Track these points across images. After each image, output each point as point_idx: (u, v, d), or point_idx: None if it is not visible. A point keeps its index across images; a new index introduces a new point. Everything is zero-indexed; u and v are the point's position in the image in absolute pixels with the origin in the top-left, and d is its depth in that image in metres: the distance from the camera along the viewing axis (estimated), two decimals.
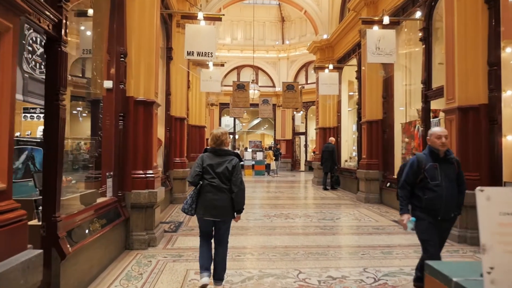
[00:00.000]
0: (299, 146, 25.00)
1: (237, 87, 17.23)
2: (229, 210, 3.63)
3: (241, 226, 6.64)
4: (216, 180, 3.56)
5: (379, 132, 9.68)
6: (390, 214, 8.02)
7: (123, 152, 5.16)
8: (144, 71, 5.40)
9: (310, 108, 23.45)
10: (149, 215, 5.33)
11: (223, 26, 24.35)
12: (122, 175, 5.17)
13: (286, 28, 24.54)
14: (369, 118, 9.75)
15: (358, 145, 11.54)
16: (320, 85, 11.70)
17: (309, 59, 23.29)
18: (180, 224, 6.76)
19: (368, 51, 7.65)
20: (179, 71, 9.30)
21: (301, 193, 12.07)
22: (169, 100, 8.98)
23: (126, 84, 5.24)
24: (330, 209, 8.76)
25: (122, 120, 5.15)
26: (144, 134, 5.37)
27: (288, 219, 7.40)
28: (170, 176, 9.03)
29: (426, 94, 7.55)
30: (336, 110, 13.63)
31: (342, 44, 12.69)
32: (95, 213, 4.24)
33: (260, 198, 10.68)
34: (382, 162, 9.64)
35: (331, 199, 10.43)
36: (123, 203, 5.12)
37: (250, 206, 8.91)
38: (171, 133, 9.02)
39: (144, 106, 5.37)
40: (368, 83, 9.75)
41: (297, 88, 17.47)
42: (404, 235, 6.15)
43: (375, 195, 9.54)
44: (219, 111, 24.47)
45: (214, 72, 11.09)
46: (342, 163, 13.46)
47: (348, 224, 7.00)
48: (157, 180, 5.51)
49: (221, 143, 3.69)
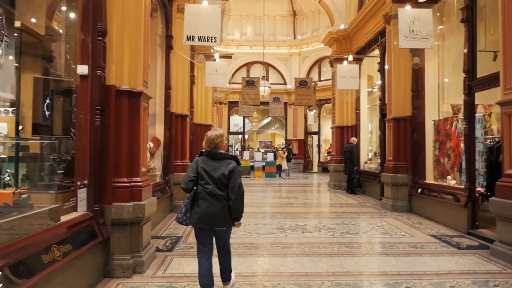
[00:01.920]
0: (311, 146, 23.81)
1: (247, 84, 16.17)
2: (226, 219, 3.32)
3: (251, 243, 5.54)
4: (211, 186, 3.27)
5: (407, 131, 8.48)
6: (425, 226, 6.84)
7: (101, 155, 4.10)
8: (129, 54, 4.33)
9: (324, 106, 22.27)
10: (135, 233, 4.26)
11: (231, 21, 23.34)
12: (101, 184, 4.10)
13: (298, 23, 23.38)
14: (396, 114, 8.56)
15: (381, 145, 10.34)
16: (338, 79, 10.52)
17: (323, 55, 22.12)
18: (177, 240, 5.69)
19: (400, 35, 6.48)
20: (180, 62, 8.24)
21: (317, 198, 10.91)
22: (168, 95, 7.93)
23: (106, 70, 4.18)
24: (353, 219, 7.60)
25: (100, 115, 4.09)
26: (129, 132, 4.30)
27: (306, 232, 6.28)
28: (170, 180, 7.97)
29: (470, 85, 6.35)
30: (355, 107, 12.43)
31: (361, 34, 11.50)
32: (55, 237, 3.19)
33: (271, 204, 9.57)
34: (411, 165, 8.43)
35: (352, 206, 9.27)
36: (101, 219, 4.06)
37: (260, 215, 7.81)
38: (171, 132, 7.96)
39: (128, 97, 4.30)
40: (395, 75, 8.56)
41: (311, 84, 16.33)
42: (451, 256, 4.98)
43: (403, 202, 8.34)
44: (227, 109, 23.43)
45: (221, 65, 10.00)
46: (362, 165, 12.27)
47: (378, 240, 5.84)
48: (146, 189, 4.44)
49: (215, 146, 3.38)
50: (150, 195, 4.71)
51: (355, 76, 10.49)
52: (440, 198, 7.17)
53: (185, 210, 3.35)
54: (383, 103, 10.27)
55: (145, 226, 4.44)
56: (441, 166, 7.92)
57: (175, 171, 8.04)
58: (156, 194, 6.96)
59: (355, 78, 10.51)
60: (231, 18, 23.30)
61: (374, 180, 10.67)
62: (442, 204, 7.07)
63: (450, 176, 7.46)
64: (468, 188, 6.31)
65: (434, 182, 7.97)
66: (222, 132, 3.47)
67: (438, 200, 7.24)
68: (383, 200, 8.94)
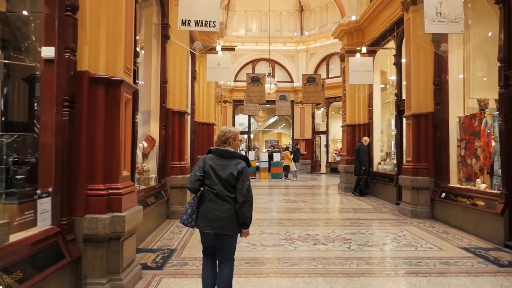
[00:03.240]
0: (319, 146, 22.97)
1: (252, 80, 15.37)
2: (233, 222, 3.08)
3: (254, 259, 4.77)
4: (218, 186, 3.06)
5: (429, 129, 7.65)
6: (453, 236, 6.02)
7: (70, 157, 3.36)
8: (107, 34, 3.59)
9: (332, 104, 21.45)
10: (114, 251, 3.52)
11: (236, 17, 22.59)
12: (70, 191, 3.36)
13: (305, 18, 22.56)
14: (416, 111, 7.73)
15: (397, 145, 9.52)
16: (351, 73, 9.70)
17: (331, 51, 21.29)
18: (170, 254, 4.93)
19: (426, 18, 5.66)
20: (178, 53, 7.49)
21: (327, 202, 10.10)
22: (164, 89, 7.18)
23: (78, 53, 3.43)
24: (369, 227, 6.80)
25: (69, 107, 3.34)
26: (107, 129, 3.56)
27: (318, 244, 5.49)
28: (167, 184, 7.23)
29: (507, 75, 5.53)
30: (367, 104, 11.60)
31: (375, 25, 10.67)
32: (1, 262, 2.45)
33: (278, 209, 8.79)
34: (433, 166, 7.60)
35: (366, 211, 8.46)
36: (70, 235, 3.32)
37: (267, 223, 7.03)
38: (167, 130, 7.22)
39: (106, 87, 3.55)
40: (415, 67, 7.73)
41: (319, 80, 15.47)
42: (493, 276, 4.17)
43: (425, 208, 7.51)
44: (232, 108, 22.67)
45: (223, 58, 9.24)
46: (375, 166, 11.44)
47: (403, 255, 5.03)
48: (128, 198, 3.70)
49: (225, 140, 3.17)
50: (135, 204, 3.96)
51: (368, 69, 9.67)
52: (469, 204, 6.35)
53: (190, 211, 3.09)
54: (400, 99, 9.46)
55: (127, 242, 3.69)
56: (467, 167, 7.08)
57: (172, 174, 7.29)
58: (150, 199, 6.23)
59: (369, 72, 9.68)
60: (236, 13, 22.55)
61: (389, 183, 9.85)
62: (472, 211, 6.24)
63: (479, 179, 6.62)
64: (505, 194, 5.48)
65: (459, 185, 7.15)
66: (238, 131, 3.26)
67: (466, 206, 6.41)
68: (401, 205, 8.11)
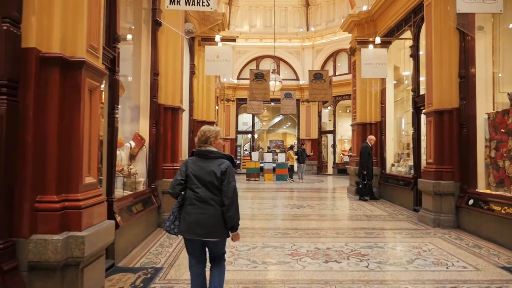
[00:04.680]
0: (326, 146, 22.10)
1: (255, 77, 14.60)
2: (219, 227, 2.86)
3: (254, 282, 3.95)
4: (201, 190, 2.86)
5: (454, 127, 6.79)
6: (487, 251, 5.16)
7: (9, 159, 2.57)
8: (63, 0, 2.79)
9: (339, 103, 20.60)
10: (71, 282, 2.71)
11: (239, 12, 21.79)
12: (10, 204, 2.57)
13: (311, 13, 21.73)
14: (439, 106, 6.87)
15: (414, 145, 8.66)
16: (363, 66, 8.83)
17: (338, 47, 20.45)
18: (155, 275, 4.12)
19: None
20: (171, 42, 6.69)
21: (337, 208, 9.23)
22: (156, 82, 6.39)
23: (23, 25, 2.65)
24: (387, 238, 5.96)
25: (8, 94, 2.55)
26: (63, 124, 2.78)
27: (330, 261, 4.66)
28: (158, 188, 6.43)
29: None
30: (380, 101, 10.74)
31: (388, 15, 9.81)
32: None
33: (283, 217, 7.95)
34: (458, 169, 6.74)
35: (381, 219, 7.60)
36: (10, 263, 2.52)
37: (270, 233, 6.21)
38: (158, 128, 6.42)
39: (61, 69, 2.77)
40: (437, 57, 6.87)
41: (326, 77, 14.68)
42: None
43: (449, 216, 6.65)
44: (235, 107, 21.87)
45: (223, 50, 8.43)
46: (388, 168, 10.58)
47: (433, 277, 4.18)
48: (91, 211, 2.90)
49: (206, 140, 2.98)
50: (103, 219, 3.16)
51: (382, 62, 8.81)
52: (505, 213, 5.48)
53: (173, 217, 2.94)
54: (417, 94, 8.60)
55: (90, 268, 2.89)
56: (499, 171, 6.21)
57: (164, 177, 6.49)
58: (136, 206, 5.43)
59: (383, 65, 8.82)
60: (240, 9, 21.76)
61: (405, 187, 8.99)
62: (508, 222, 5.37)
63: None
64: None
65: (489, 191, 6.28)
66: (219, 129, 3.09)
67: (501, 216, 5.54)
68: (421, 212, 7.25)
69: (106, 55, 4.32)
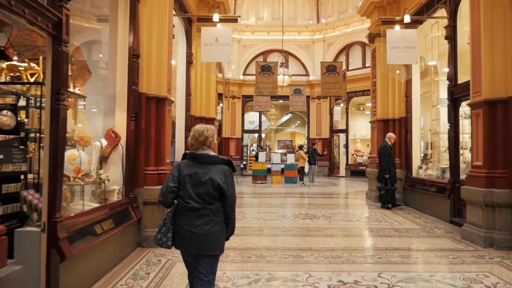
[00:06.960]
0: (337, 146, 20.68)
1: (262, 70, 13.31)
2: (215, 240, 2.58)
3: None
4: (195, 199, 2.57)
5: (510, 120, 5.40)
6: None
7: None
8: None
9: (352, 100, 19.22)
10: None
11: (246, 4, 20.47)
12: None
13: (322, 4, 20.35)
14: (490, 95, 5.48)
15: (451, 144, 7.26)
16: (389, 50, 7.41)
17: (351, 40, 19.08)
18: None
19: None
20: (155, 17, 5.36)
21: (357, 219, 7.77)
22: (135, 65, 5.07)
23: None
24: (430, 265, 4.58)
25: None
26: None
27: None
28: (138, 198, 5.10)
29: None
30: (404, 94, 9.35)
31: None
32: None
33: (294, 232, 6.54)
34: None
35: (414, 235, 6.21)
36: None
37: (278, 256, 4.86)
38: (139, 122, 5.10)
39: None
40: (487, 35, 5.49)
41: (340, 69, 13.33)
42: None
43: (505, 234, 5.25)
44: (241, 104, 20.57)
45: (222, 32, 7.09)
46: (414, 170, 9.17)
47: None
48: None
49: (204, 140, 2.64)
50: None
51: (412, 45, 7.38)
52: None
53: (165, 229, 2.62)
54: (454, 83, 7.20)
55: None
56: None
57: (146, 184, 5.14)
58: (106, 223, 4.14)
59: (413, 48, 7.40)
60: (246, 0, 20.43)
61: (438, 193, 7.59)
62: None
63: None
64: None
65: None
66: (214, 128, 2.74)
67: None
68: (465, 227, 5.85)
69: (47, 16, 3.03)
